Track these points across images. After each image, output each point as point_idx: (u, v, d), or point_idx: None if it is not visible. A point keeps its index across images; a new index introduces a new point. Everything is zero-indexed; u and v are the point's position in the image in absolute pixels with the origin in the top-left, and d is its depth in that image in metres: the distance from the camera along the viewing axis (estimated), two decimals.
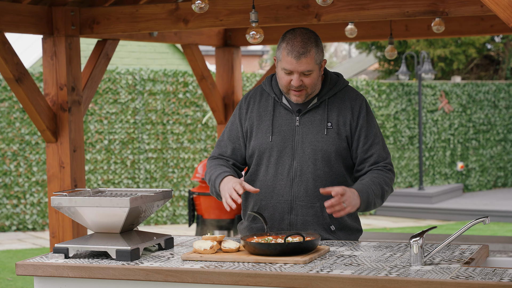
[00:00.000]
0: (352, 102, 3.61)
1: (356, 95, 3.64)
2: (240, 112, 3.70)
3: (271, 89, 3.66)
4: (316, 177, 3.54)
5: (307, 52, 3.47)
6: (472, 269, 2.89)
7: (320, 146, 3.54)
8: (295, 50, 3.47)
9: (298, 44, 3.48)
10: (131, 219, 3.27)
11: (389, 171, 3.59)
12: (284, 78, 3.52)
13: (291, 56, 3.47)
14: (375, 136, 3.60)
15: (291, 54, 3.47)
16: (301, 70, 3.48)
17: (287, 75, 3.51)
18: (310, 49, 3.48)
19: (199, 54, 7.43)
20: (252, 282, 2.92)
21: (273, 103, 3.64)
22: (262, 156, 3.60)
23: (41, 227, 12.47)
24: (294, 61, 3.46)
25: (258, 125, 3.63)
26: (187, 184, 13.52)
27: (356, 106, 3.60)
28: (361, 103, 3.61)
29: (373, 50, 19.77)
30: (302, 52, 3.46)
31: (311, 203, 3.55)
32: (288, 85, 3.52)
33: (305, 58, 3.46)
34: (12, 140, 12.18)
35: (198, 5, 4.27)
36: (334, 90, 3.62)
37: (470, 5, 4.78)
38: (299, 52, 3.46)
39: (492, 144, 17.40)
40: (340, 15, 5.01)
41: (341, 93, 3.63)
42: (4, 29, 5.26)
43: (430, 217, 14.31)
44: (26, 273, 3.23)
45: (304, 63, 3.47)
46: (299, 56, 3.46)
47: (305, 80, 3.50)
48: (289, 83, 3.52)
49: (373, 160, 3.58)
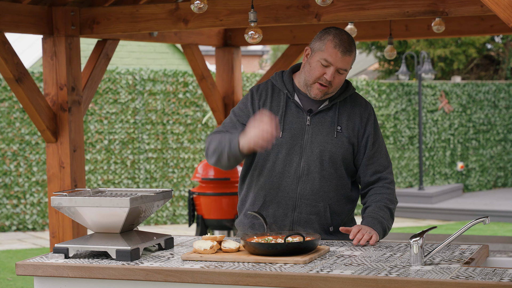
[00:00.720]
0: (361, 109, 3.66)
1: (366, 103, 3.71)
2: (252, 102, 3.65)
3: (283, 85, 3.66)
4: (322, 177, 3.57)
5: (351, 52, 3.54)
6: (472, 269, 2.89)
7: (328, 148, 3.56)
8: (343, 45, 3.51)
9: (346, 41, 3.53)
10: (131, 219, 3.27)
11: (389, 185, 3.65)
12: (318, 69, 3.53)
13: (338, 49, 3.50)
14: (379, 145, 3.67)
15: (339, 48, 3.50)
16: (340, 66, 3.52)
17: (322, 67, 3.53)
18: (353, 50, 3.56)
19: (199, 54, 7.43)
20: (252, 282, 2.92)
21: (285, 99, 3.64)
22: (270, 152, 3.60)
23: (41, 227, 12.47)
24: (340, 55, 3.51)
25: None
26: (187, 184, 13.52)
27: (365, 114, 3.65)
28: (369, 111, 3.68)
29: (373, 50, 19.78)
30: (349, 49, 3.52)
31: (315, 202, 3.57)
32: (320, 76, 3.53)
33: (349, 56, 3.53)
34: (12, 140, 12.18)
35: (197, 5, 4.27)
36: (345, 95, 3.66)
37: (470, 5, 4.78)
38: (346, 48, 3.51)
39: (492, 144, 17.40)
40: (340, 15, 5.01)
41: (350, 99, 3.68)
42: (4, 29, 5.26)
43: (430, 217, 14.32)
44: (26, 273, 3.23)
45: (347, 60, 3.53)
46: (345, 52, 3.51)
47: (336, 77, 3.54)
48: (322, 75, 3.53)
49: (375, 168, 3.64)
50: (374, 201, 3.61)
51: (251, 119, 3.47)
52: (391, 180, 3.67)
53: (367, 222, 3.52)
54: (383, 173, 3.64)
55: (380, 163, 3.64)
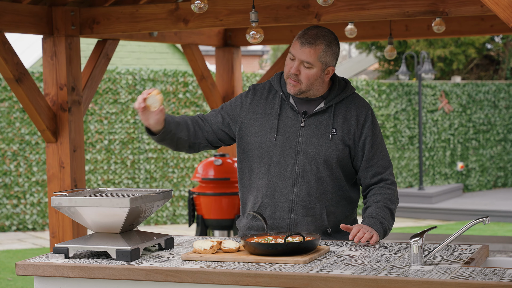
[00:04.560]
0: (358, 110, 3.61)
1: (363, 104, 3.65)
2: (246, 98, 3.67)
3: (279, 86, 3.66)
4: (318, 179, 3.55)
5: (313, 44, 3.49)
6: (472, 269, 2.89)
7: (323, 150, 3.54)
8: (304, 37, 3.50)
9: (310, 34, 3.51)
10: (131, 219, 3.27)
11: (390, 186, 3.63)
12: (288, 64, 3.55)
13: (298, 41, 3.51)
14: (378, 146, 3.62)
15: (299, 40, 3.51)
16: (302, 58, 3.49)
17: (290, 61, 3.54)
18: (318, 43, 3.50)
19: (199, 54, 7.43)
20: (252, 282, 2.92)
21: (280, 101, 3.63)
22: (264, 155, 3.59)
23: (41, 227, 12.47)
24: (299, 47, 3.50)
25: (263, 121, 3.61)
26: (187, 184, 13.52)
27: (362, 115, 3.61)
28: (366, 112, 3.62)
29: (373, 50, 19.78)
30: (310, 41, 3.49)
31: (312, 204, 3.56)
32: (288, 71, 3.54)
33: (309, 48, 3.48)
34: (12, 140, 12.18)
35: (197, 5, 4.27)
36: (342, 96, 3.62)
37: (470, 5, 4.78)
38: (306, 41, 3.49)
39: (492, 144, 17.40)
40: (340, 15, 5.01)
41: (347, 100, 3.64)
42: (4, 29, 5.26)
43: (430, 217, 14.32)
44: (26, 273, 3.23)
45: (307, 52, 3.48)
46: (304, 43, 3.49)
47: (303, 72, 3.51)
48: (290, 69, 3.53)
49: (375, 170, 3.61)
50: (375, 201, 3.59)
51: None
52: (392, 181, 3.64)
53: (368, 222, 3.51)
54: (383, 175, 3.61)
55: (380, 164, 3.62)
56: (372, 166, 3.61)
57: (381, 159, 3.62)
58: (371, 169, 3.61)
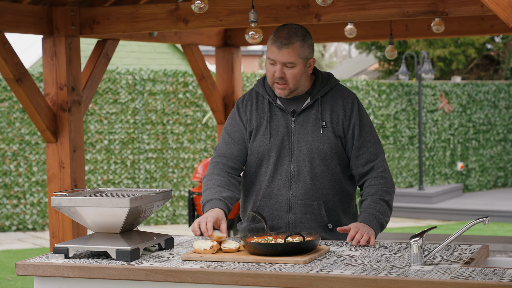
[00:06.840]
0: (344, 100, 3.63)
1: (348, 93, 3.67)
2: (239, 114, 3.70)
3: (264, 90, 3.69)
4: (314, 175, 3.57)
5: (290, 44, 3.50)
6: (472, 269, 2.89)
7: (316, 145, 3.56)
8: (279, 40, 3.51)
9: (283, 35, 3.51)
10: (131, 219, 3.27)
11: (383, 175, 3.60)
12: (269, 69, 3.56)
13: (274, 45, 3.51)
14: (366, 133, 3.63)
15: (275, 44, 3.51)
16: (283, 61, 3.50)
17: (271, 66, 3.55)
18: (294, 41, 3.51)
19: (199, 54, 7.43)
20: (252, 282, 2.92)
21: (268, 104, 3.65)
22: (262, 158, 3.63)
23: (41, 227, 12.47)
24: (276, 50, 3.50)
25: (258, 127, 3.65)
26: (187, 184, 13.52)
27: (348, 105, 3.63)
28: (352, 101, 3.64)
29: (373, 50, 19.78)
30: (285, 43, 3.50)
31: (309, 201, 3.58)
32: (272, 76, 3.55)
33: (287, 49, 3.50)
34: (12, 140, 12.18)
35: (197, 5, 4.28)
36: (326, 89, 3.64)
37: (470, 5, 4.78)
38: (282, 43, 3.50)
39: (492, 144, 17.40)
40: (340, 15, 5.01)
41: (333, 92, 3.66)
42: (4, 29, 5.26)
43: (430, 217, 14.31)
44: (26, 273, 3.23)
45: (286, 54, 3.50)
46: (281, 46, 3.49)
47: (287, 73, 3.52)
48: (273, 74, 3.54)
49: (366, 158, 3.61)
50: (369, 194, 3.58)
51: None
52: (385, 168, 3.62)
53: (363, 219, 3.51)
54: (375, 162, 3.61)
55: (370, 152, 3.61)
56: (362, 154, 3.61)
57: (372, 146, 3.62)
58: (362, 157, 3.61)
